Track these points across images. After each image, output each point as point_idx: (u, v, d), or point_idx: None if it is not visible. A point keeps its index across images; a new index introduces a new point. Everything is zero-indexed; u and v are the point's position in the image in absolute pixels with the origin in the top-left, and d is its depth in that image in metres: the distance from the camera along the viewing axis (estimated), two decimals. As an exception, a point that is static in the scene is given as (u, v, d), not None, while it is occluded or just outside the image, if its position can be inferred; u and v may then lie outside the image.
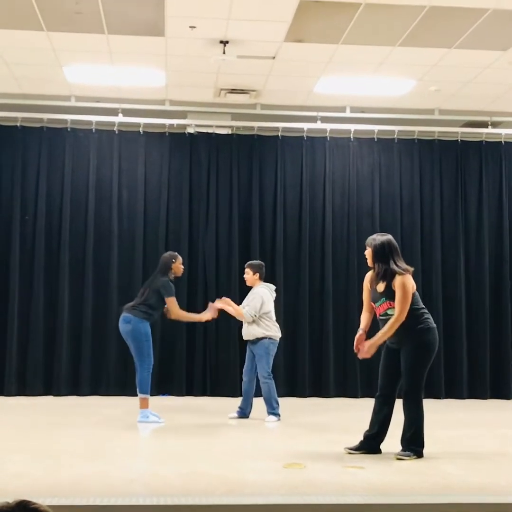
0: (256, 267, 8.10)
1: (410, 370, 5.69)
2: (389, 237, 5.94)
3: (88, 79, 9.48)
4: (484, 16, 7.50)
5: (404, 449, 5.64)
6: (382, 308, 5.74)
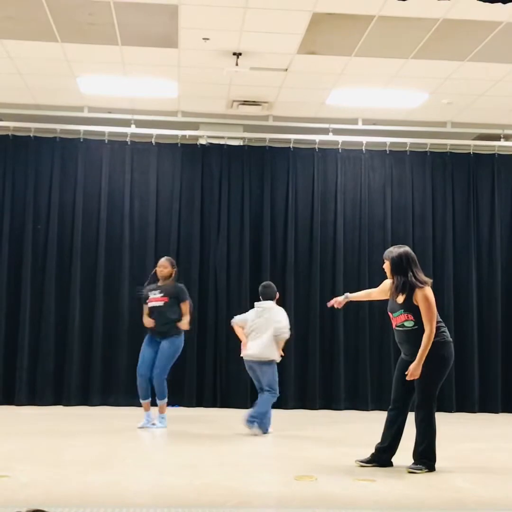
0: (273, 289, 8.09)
1: (423, 383, 5.65)
2: (406, 249, 5.93)
3: (101, 90, 9.53)
4: (497, 29, 7.50)
5: (415, 463, 5.61)
6: (400, 319, 5.74)
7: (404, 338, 5.78)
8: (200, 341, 10.19)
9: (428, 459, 5.61)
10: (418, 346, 5.62)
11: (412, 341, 5.68)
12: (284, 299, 10.14)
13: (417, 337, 5.63)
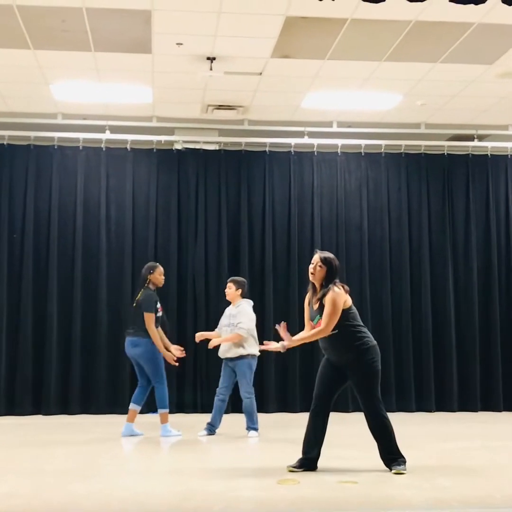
0: (239, 283, 8.09)
1: (364, 393, 5.71)
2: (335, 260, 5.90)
3: (75, 97, 9.48)
4: (469, 30, 7.57)
5: (394, 463, 5.58)
6: (319, 325, 5.72)
7: (327, 344, 5.76)
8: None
9: (399, 454, 5.62)
10: (342, 351, 5.69)
11: (336, 346, 5.72)
12: (263, 302, 10.16)
13: (338, 341, 5.69)
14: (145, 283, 7.69)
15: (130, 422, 7.65)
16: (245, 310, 7.92)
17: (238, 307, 7.95)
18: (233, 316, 7.90)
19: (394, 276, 10.66)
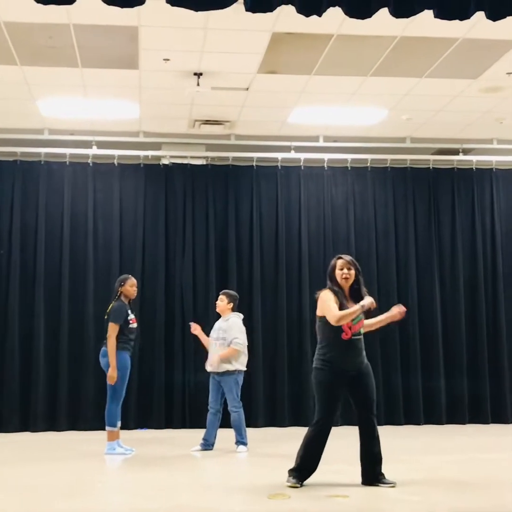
0: (232, 297, 8.10)
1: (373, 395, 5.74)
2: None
3: (62, 112, 9.48)
4: (454, 46, 7.64)
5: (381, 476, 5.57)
6: (358, 325, 5.68)
7: (360, 346, 5.70)
8: (168, 362, 10.13)
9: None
10: (362, 353, 5.70)
11: (362, 349, 5.72)
12: (251, 317, 10.16)
13: (362, 344, 5.72)
14: (117, 295, 7.68)
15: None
16: (235, 324, 7.91)
17: (227, 321, 7.94)
18: (223, 330, 7.88)
19: (381, 289, 10.69)
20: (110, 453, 7.49)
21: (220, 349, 7.79)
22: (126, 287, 7.72)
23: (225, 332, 7.86)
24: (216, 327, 8.00)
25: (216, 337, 7.89)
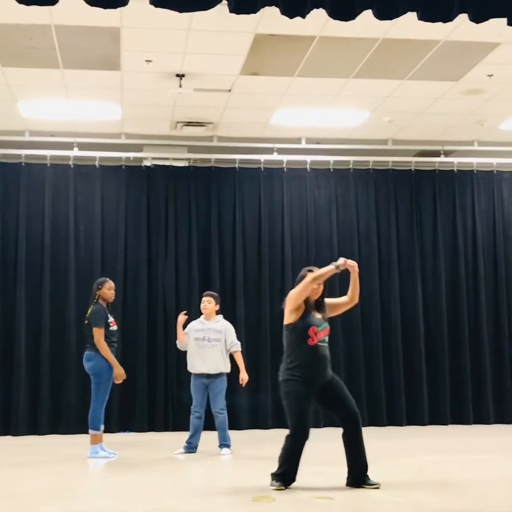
0: (218, 299, 8.09)
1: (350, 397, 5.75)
2: None
3: (43, 114, 9.43)
4: (435, 48, 7.68)
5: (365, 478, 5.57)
6: (323, 333, 5.66)
7: (326, 354, 5.68)
8: (150, 364, 10.09)
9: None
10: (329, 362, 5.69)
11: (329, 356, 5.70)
12: (235, 319, 10.13)
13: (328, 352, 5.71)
14: (95, 299, 7.63)
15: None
16: (230, 327, 7.97)
17: (218, 322, 7.93)
18: (217, 332, 7.85)
19: (364, 291, 10.66)
20: (93, 457, 7.43)
21: (214, 350, 7.74)
22: (104, 290, 7.67)
23: (219, 333, 7.84)
24: (204, 327, 7.88)
25: (208, 338, 7.82)
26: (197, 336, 7.85)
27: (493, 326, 10.89)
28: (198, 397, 7.75)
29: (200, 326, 7.92)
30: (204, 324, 7.93)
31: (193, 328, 7.93)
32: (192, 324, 7.99)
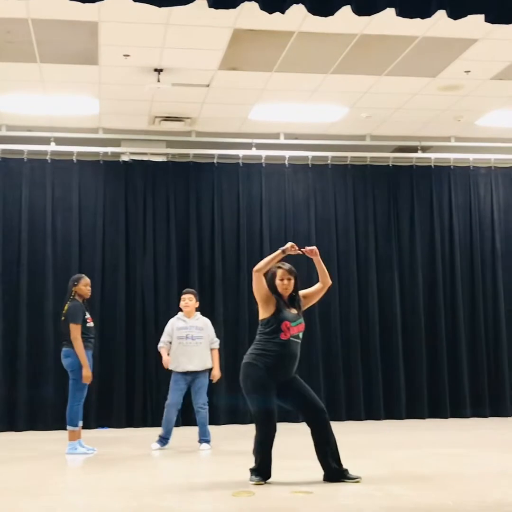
0: (197, 296, 8.10)
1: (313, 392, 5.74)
2: None
3: (20, 108, 9.36)
4: (413, 44, 7.72)
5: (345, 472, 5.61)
6: (297, 328, 5.69)
7: (297, 350, 5.69)
8: (128, 360, 10.07)
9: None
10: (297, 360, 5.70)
11: (298, 354, 5.71)
12: (214, 314, 10.15)
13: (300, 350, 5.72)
14: (71, 295, 7.60)
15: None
16: (210, 323, 8.01)
17: (199, 320, 7.95)
18: (199, 329, 7.86)
19: (342, 286, 10.76)
20: (71, 453, 7.40)
21: (199, 347, 7.77)
22: (80, 287, 7.63)
23: (202, 331, 7.86)
24: (186, 325, 7.88)
25: (191, 336, 7.82)
26: (180, 335, 7.83)
27: (469, 319, 10.99)
28: (177, 394, 7.75)
29: (182, 324, 7.91)
30: (186, 322, 7.92)
31: (175, 326, 7.91)
32: (173, 322, 7.97)
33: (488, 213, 11.31)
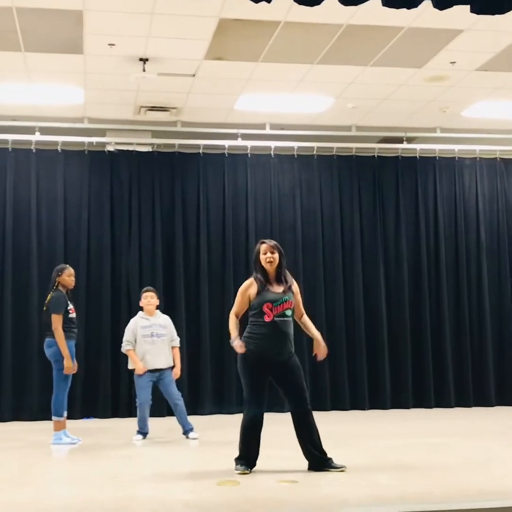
0: (157, 294, 8.17)
1: (303, 385, 5.73)
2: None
3: (4, 98, 9.29)
4: (399, 34, 7.71)
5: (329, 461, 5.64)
6: (282, 307, 5.70)
7: (284, 329, 5.68)
8: (114, 351, 10.03)
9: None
10: (290, 339, 5.72)
11: (288, 332, 5.71)
12: (199, 305, 10.16)
13: (290, 328, 5.75)
14: (54, 285, 7.57)
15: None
16: (171, 321, 8.07)
17: (161, 318, 7.99)
18: (162, 327, 7.90)
19: (328, 276, 10.79)
20: (56, 443, 7.40)
21: (164, 345, 7.83)
22: (64, 277, 7.60)
23: (165, 328, 7.93)
24: (149, 324, 7.89)
25: (156, 333, 7.85)
26: (145, 333, 7.84)
27: (454, 309, 11.04)
28: (146, 392, 7.79)
29: (146, 323, 7.91)
30: (149, 320, 7.93)
31: (138, 325, 7.90)
32: (136, 321, 7.95)
33: (473, 204, 11.35)
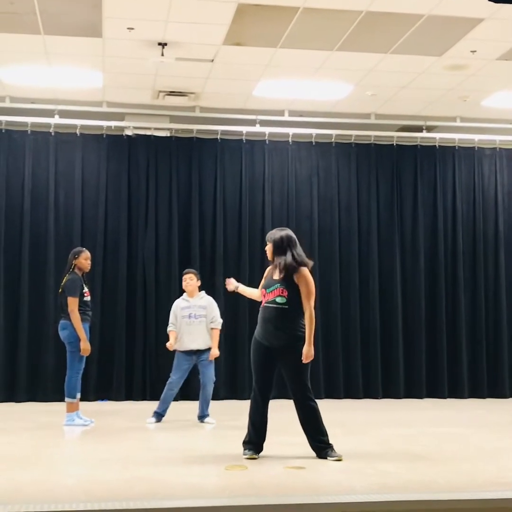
0: (198, 275, 8.18)
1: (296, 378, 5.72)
2: (287, 231, 5.98)
3: (24, 80, 9.34)
4: (419, 22, 7.65)
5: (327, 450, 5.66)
6: (273, 294, 5.73)
7: (272, 315, 5.70)
8: (129, 334, 10.12)
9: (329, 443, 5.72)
10: (282, 327, 5.67)
11: (279, 320, 5.68)
12: (214, 290, 10.16)
13: (283, 317, 5.68)
14: (70, 268, 7.62)
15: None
16: (214, 302, 8.08)
17: (202, 299, 8.04)
18: (202, 308, 7.94)
19: (343, 264, 10.78)
20: (69, 424, 7.48)
21: (202, 326, 7.87)
22: (80, 260, 7.66)
23: (205, 309, 7.96)
24: (189, 305, 7.96)
25: (194, 314, 7.91)
26: (184, 314, 7.95)
27: (470, 300, 10.99)
28: (179, 373, 7.84)
29: (185, 304, 8.01)
30: (189, 302, 8.01)
31: (179, 306, 8.02)
32: (178, 303, 8.08)
33: (492, 194, 11.27)
